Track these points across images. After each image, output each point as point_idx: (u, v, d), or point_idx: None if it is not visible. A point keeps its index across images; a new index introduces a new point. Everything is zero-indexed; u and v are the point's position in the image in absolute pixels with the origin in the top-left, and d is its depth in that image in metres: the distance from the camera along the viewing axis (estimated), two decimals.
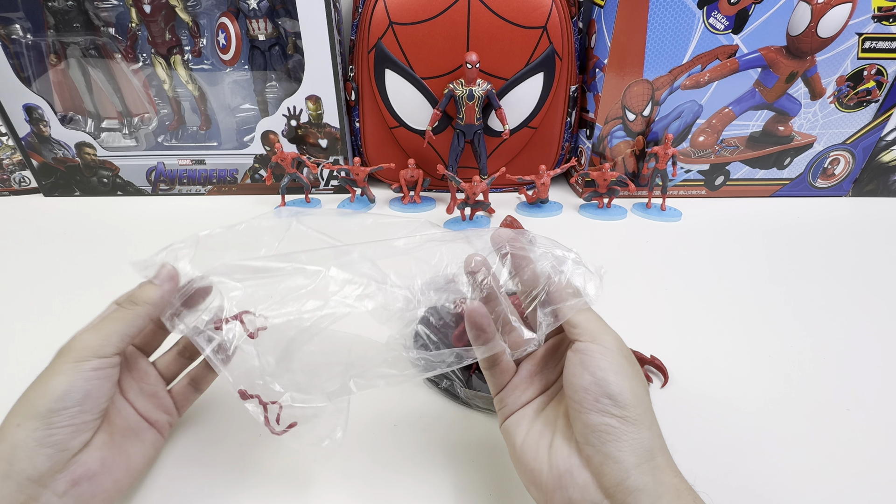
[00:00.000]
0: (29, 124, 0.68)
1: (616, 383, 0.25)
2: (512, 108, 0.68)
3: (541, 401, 0.29)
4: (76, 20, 0.65)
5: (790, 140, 0.71)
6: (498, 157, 0.74)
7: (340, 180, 0.75)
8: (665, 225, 0.68)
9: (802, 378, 0.42)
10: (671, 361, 0.41)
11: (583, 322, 0.27)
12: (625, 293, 0.52)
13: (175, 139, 0.74)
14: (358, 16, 0.66)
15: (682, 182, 0.74)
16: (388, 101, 0.69)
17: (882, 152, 0.72)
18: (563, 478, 0.25)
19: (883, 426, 0.37)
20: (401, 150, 0.73)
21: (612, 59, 0.64)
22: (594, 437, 0.24)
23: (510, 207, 0.73)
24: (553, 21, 0.63)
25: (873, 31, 0.63)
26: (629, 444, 0.24)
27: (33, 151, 0.70)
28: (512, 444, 0.28)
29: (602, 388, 0.25)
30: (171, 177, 0.74)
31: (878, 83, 0.66)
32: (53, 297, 0.51)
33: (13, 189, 0.74)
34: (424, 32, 0.64)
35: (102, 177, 0.73)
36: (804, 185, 0.75)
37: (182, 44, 0.68)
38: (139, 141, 0.73)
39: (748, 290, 0.54)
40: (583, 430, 0.25)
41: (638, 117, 0.68)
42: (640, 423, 0.24)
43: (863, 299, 0.52)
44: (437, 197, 0.76)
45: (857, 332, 0.47)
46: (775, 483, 0.33)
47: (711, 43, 0.63)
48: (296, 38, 0.67)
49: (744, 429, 0.37)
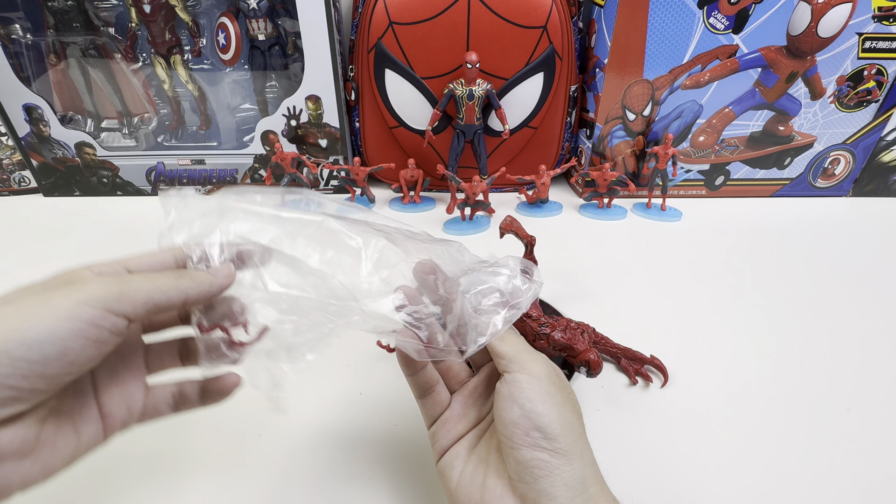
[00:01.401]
0: (29, 124, 0.68)
1: (545, 414, 0.24)
2: (512, 108, 0.68)
3: (473, 435, 0.29)
4: (76, 20, 0.65)
5: (790, 140, 0.71)
6: (498, 157, 0.74)
7: (340, 180, 0.75)
8: (665, 225, 0.68)
9: (802, 378, 0.42)
10: (671, 361, 0.41)
11: (508, 352, 0.27)
12: (625, 293, 0.52)
13: (175, 139, 0.74)
14: (358, 16, 0.66)
15: (682, 182, 0.74)
16: (388, 100, 0.69)
17: (882, 152, 0.72)
18: None
19: (883, 426, 0.37)
20: (401, 149, 0.73)
21: (612, 58, 0.64)
22: (526, 473, 0.24)
23: (510, 207, 0.73)
24: (553, 21, 0.63)
25: (873, 31, 0.62)
26: (562, 479, 0.23)
27: (33, 151, 0.70)
28: (447, 485, 0.27)
29: (531, 420, 0.24)
30: (171, 177, 0.73)
31: (878, 83, 0.66)
32: None
33: (13, 189, 0.74)
34: (424, 32, 0.64)
35: (102, 177, 0.73)
36: (804, 185, 0.75)
37: (182, 44, 0.68)
38: (139, 141, 0.73)
39: (748, 289, 0.53)
40: (515, 468, 0.24)
41: (638, 117, 0.68)
42: (570, 453, 0.24)
43: (863, 299, 0.52)
44: (437, 197, 0.76)
45: (857, 331, 0.47)
46: (775, 483, 0.33)
47: (711, 43, 0.63)
48: (296, 38, 0.67)
49: (743, 428, 0.37)
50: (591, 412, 0.38)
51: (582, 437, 0.25)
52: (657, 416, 0.38)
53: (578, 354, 0.37)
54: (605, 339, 0.42)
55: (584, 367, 0.36)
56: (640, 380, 0.41)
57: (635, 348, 0.42)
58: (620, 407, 0.39)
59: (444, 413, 0.29)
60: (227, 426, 0.37)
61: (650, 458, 0.35)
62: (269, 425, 0.37)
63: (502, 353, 0.27)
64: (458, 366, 0.31)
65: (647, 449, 0.35)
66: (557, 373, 0.27)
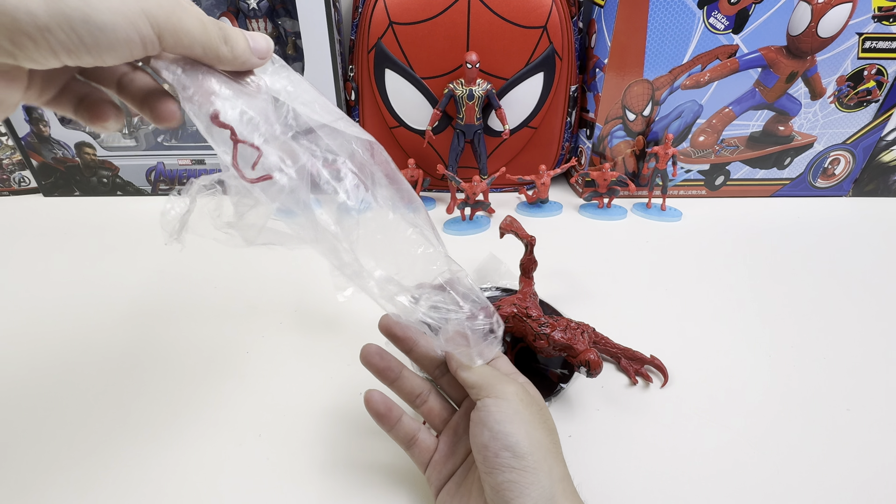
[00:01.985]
0: (29, 124, 0.68)
1: (512, 434, 0.25)
2: (512, 107, 0.68)
3: (462, 470, 0.30)
4: None
5: (790, 140, 0.71)
6: (498, 157, 0.74)
7: None
8: (665, 225, 0.68)
9: (802, 378, 0.42)
10: (671, 361, 0.41)
11: (477, 380, 0.28)
12: (625, 293, 0.52)
13: (175, 139, 0.74)
14: (358, 16, 0.66)
15: (682, 182, 0.74)
16: (388, 100, 0.69)
17: (882, 152, 0.72)
18: None
19: (883, 426, 0.37)
20: (401, 149, 0.73)
21: (612, 58, 0.64)
22: (499, 497, 0.25)
23: (510, 207, 0.73)
24: (553, 21, 0.63)
25: (873, 31, 0.62)
26: (531, 497, 0.24)
27: (33, 151, 0.70)
28: None
29: (499, 440, 0.25)
30: (171, 177, 0.74)
31: (878, 83, 0.66)
32: (53, 297, 0.51)
33: (13, 189, 0.74)
34: (424, 32, 0.64)
35: (102, 177, 0.73)
36: (804, 185, 0.75)
37: None
38: (139, 141, 0.73)
39: (748, 289, 0.53)
40: (490, 493, 0.25)
41: (638, 117, 0.68)
42: (538, 470, 0.25)
43: (863, 299, 0.52)
44: (437, 197, 0.76)
45: (857, 331, 0.47)
46: (775, 483, 0.33)
47: (711, 43, 0.63)
48: (296, 38, 0.67)
49: (743, 428, 0.37)
50: (591, 412, 0.38)
51: (551, 452, 0.26)
52: (657, 416, 0.38)
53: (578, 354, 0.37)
54: (605, 339, 0.42)
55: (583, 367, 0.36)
56: (640, 380, 0.41)
57: (635, 348, 0.42)
58: (620, 407, 0.39)
59: (434, 456, 0.31)
60: (228, 426, 0.37)
61: (650, 458, 0.35)
62: (270, 425, 0.37)
63: (472, 382, 0.28)
64: (440, 406, 0.32)
65: (647, 449, 0.35)
66: (528, 392, 0.28)
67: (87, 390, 0.40)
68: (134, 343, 0.45)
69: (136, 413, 0.38)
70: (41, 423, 0.37)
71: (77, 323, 0.48)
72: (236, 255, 0.59)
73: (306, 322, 0.48)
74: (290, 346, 0.45)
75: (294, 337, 0.46)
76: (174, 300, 0.51)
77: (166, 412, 0.38)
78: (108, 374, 0.41)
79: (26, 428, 0.36)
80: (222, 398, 0.39)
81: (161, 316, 0.49)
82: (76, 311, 0.49)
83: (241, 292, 0.52)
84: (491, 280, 0.51)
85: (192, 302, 0.51)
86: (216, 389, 0.40)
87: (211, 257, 0.58)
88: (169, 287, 0.53)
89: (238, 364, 0.43)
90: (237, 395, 0.40)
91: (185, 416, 0.38)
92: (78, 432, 0.36)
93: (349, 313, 0.48)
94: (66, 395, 0.39)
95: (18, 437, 0.36)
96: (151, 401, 0.39)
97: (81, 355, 0.43)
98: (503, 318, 0.40)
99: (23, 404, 0.38)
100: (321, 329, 0.47)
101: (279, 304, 0.50)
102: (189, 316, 0.49)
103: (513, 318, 0.40)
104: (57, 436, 0.36)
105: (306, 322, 0.48)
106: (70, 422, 0.37)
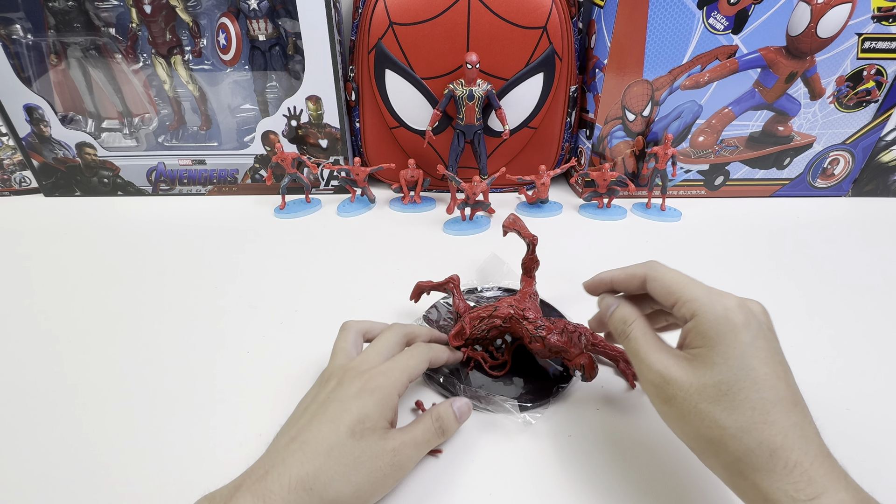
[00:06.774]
0: (29, 124, 0.68)
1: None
2: (512, 108, 0.68)
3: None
4: (77, 20, 0.65)
5: (790, 140, 0.71)
6: (498, 157, 0.74)
7: (341, 180, 0.75)
8: (665, 225, 0.68)
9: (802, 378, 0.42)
10: None
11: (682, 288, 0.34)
12: None
13: (175, 139, 0.74)
14: (358, 16, 0.66)
15: (681, 182, 0.74)
16: (388, 101, 0.69)
17: (882, 152, 0.72)
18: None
19: (883, 426, 0.38)
20: (401, 150, 0.74)
21: (612, 59, 0.64)
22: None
23: (510, 207, 0.73)
24: (553, 21, 0.64)
25: (873, 32, 0.63)
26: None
27: (34, 151, 0.70)
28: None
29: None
30: (172, 177, 0.74)
31: (877, 83, 0.66)
32: (53, 297, 0.51)
33: (13, 189, 0.74)
34: (424, 33, 0.64)
35: (103, 177, 0.73)
36: (804, 185, 0.75)
37: (182, 44, 0.69)
38: (139, 141, 0.74)
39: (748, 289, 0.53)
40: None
41: (638, 117, 0.68)
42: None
43: (863, 299, 0.52)
44: (437, 197, 0.76)
45: (856, 331, 0.47)
46: None
47: (711, 43, 0.63)
48: (296, 39, 0.67)
49: None
50: (591, 412, 0.38)
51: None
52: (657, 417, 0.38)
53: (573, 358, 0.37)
54: (603, 342, 0.42)
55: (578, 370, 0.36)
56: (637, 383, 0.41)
57: None
58: (620, 407, 0.39)
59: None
60: (228, 426, 0.37)
61: (650, 458, 0.35)
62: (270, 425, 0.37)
63: (673, 288, 0.34)
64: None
65: (647, 449, 0.35)
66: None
67: (86, 390, 0.40)
68: (134, 343, 0.45)
69: (135, 413, 0.38)
70: (41, 423, 0.37)
71: (77, 323, 0.48)
72: (236, 255, 0.59)
73: (306, 322, 0.48)
74: (291, 346, 0.45)
75: (294, 337, 0.46)
76: (174, 300, 0.51)
77: (166, 412, 0.38)
78: (107, 374, 0.42)
79: (26, 428, 0.37)
80: (222, 398, 0.39)
81: (161, 316, 0.49)
82: (76, 311, 0.49)
83: (241, 292, 0.52)
84: (493, 280, 0.51)
85: (192, 302, 0.51)
86: (216, 389, 0.40)
87: (211, 258, 0.58)
88: (169, 287, 0.53)
89: (238, 364, 0.43)
90: (237, 395, 0.40)
91: (185, 415, 0.38)
92: (78, 432, 0.36)
93: (350, 314, 0.48)
94: (66, 395, 0.39)
95: (19, 437, 0.36)
96: (151, 401, 0.39)
97: (82, 355, 0.44)
98: (500, 319, 0.40)
99: (23, 404, 0.38)
100: (321, 329, 0.47)
101: (279, 304, 0.50)
102: (189, 316, 0.49)
103: (510, 320, 0.40)
104: (55, 436, 0.36)
105: (306, 322, 0.48)
106: (69, 422, 0.37)
